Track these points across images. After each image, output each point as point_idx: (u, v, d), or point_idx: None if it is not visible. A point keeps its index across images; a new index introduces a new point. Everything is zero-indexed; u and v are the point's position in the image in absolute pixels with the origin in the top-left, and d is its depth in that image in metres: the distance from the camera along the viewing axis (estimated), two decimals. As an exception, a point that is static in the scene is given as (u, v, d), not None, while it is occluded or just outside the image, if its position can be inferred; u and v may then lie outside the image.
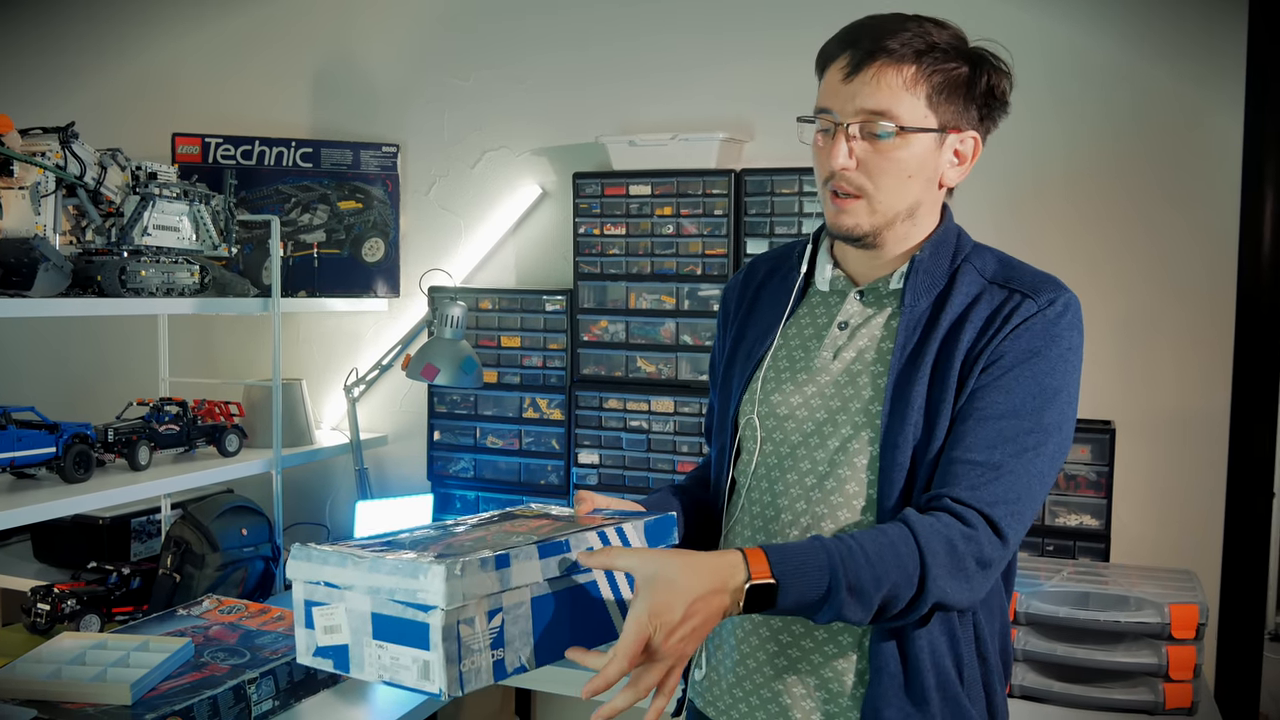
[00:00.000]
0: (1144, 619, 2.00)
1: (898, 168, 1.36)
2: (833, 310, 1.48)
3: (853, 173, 1.36)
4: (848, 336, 1.44)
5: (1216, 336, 2.43)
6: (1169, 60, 2.45)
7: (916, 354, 1.37)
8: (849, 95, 1.35)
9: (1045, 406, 1.32)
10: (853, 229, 1.39)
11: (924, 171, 1.38)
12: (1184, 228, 2.46)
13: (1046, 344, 1.34)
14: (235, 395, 2.88)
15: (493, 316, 2.87)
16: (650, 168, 2.70)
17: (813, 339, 1.48)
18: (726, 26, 2.78)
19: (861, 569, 1.19)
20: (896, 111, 1.34)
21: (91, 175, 2.29)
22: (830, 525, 1.39)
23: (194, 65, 3.35)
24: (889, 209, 1.39)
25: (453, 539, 1.21)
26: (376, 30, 3.16)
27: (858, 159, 1.36)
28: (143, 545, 2.88)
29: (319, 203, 3.01)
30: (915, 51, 1.34)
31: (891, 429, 1.36)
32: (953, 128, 1.38)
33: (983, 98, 1.39)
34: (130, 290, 2.34)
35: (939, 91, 1.35)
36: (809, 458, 1.42)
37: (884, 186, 1.37)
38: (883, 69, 1.34)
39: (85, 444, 2.32)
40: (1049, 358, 1.33)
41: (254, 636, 2.14)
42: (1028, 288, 1.37)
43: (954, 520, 1.26)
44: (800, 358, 1.47)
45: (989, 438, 1.30)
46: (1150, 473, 2.48)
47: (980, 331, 1.35)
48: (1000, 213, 2.55)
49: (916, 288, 1.41)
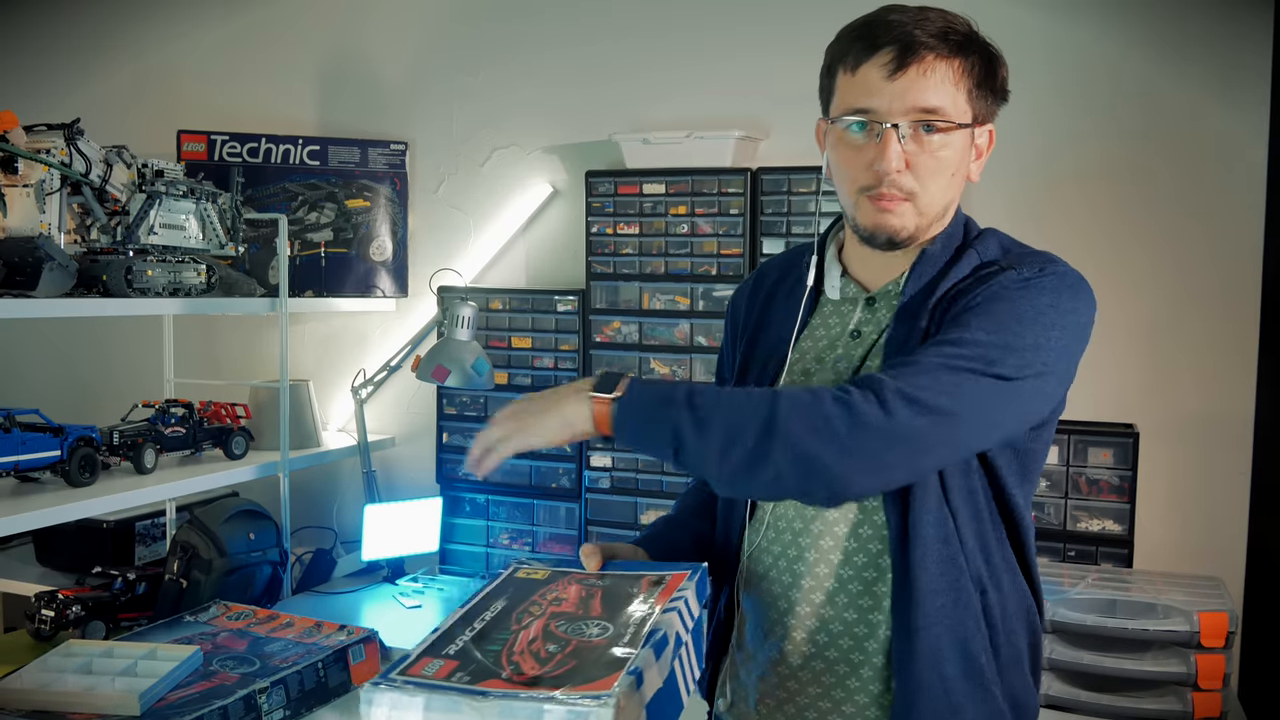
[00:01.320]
0: (1173, 627, 1.97)
1: (944, 167, 1.31)
2: (845, 318, 1.43)
3: (904, 174, 1.30)
4: (862, 346, 1.39)
5: (1240, 339, 2.39)
6: (1191, 62, 2.41)
7: (906, 339, 1.30)
8: (897, 93, 1.28)
9: (1010, 318, 1.23)
10: (899, 230, 1.33)
11: (962, 168, 1.35)
12: (1207, 229, 2.42)
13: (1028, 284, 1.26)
14: (241, 397, 2.84)
15: (503, 317, 2.83)
16: (664, 166, 2.66)
17: (827, 350, 1.42)
18: (742, 22, 2.74)
19: (706, 390, 1.18)
20: (947, 109, 1.29)
21: (97, 173, 2.25)
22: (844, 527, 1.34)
23: (200, 62, 3.31)
24: (933, 209, 1.34)
25: (517, 642, 1.10)
26: (384, 25, 3.12)
27: (906, 159, 1.30)
28: (147, 549, 2.84)
29: (326, 201, 2.96)
30: (956, 44, 1.29)
31: None
32: (979, 121, 1.34)
33: (1000, 89, 1.36)
34: (136, 290, 2.30)
35: (977, 84, 1.31)
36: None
37: (931, 188, 1.32)
38: (933, 64, 1.28)
39: (90, 447, 2.28)
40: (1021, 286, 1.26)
41: (263, 644, 2.10)
42: (1016, 260, 1.31)
43: (829, 389, 1.18)
44: (816, 370, 1.42)
45: (945, 334, 1.23)
46: (1173, 477, 2.44)
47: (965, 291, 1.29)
48: (1018, 214, 2.51)
49: (919, 278, 1.35)
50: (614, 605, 1.18)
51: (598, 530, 2.73)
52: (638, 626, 1.11)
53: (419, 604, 2.61)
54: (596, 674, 1.00)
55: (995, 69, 1.34)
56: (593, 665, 1.03)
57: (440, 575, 2.84)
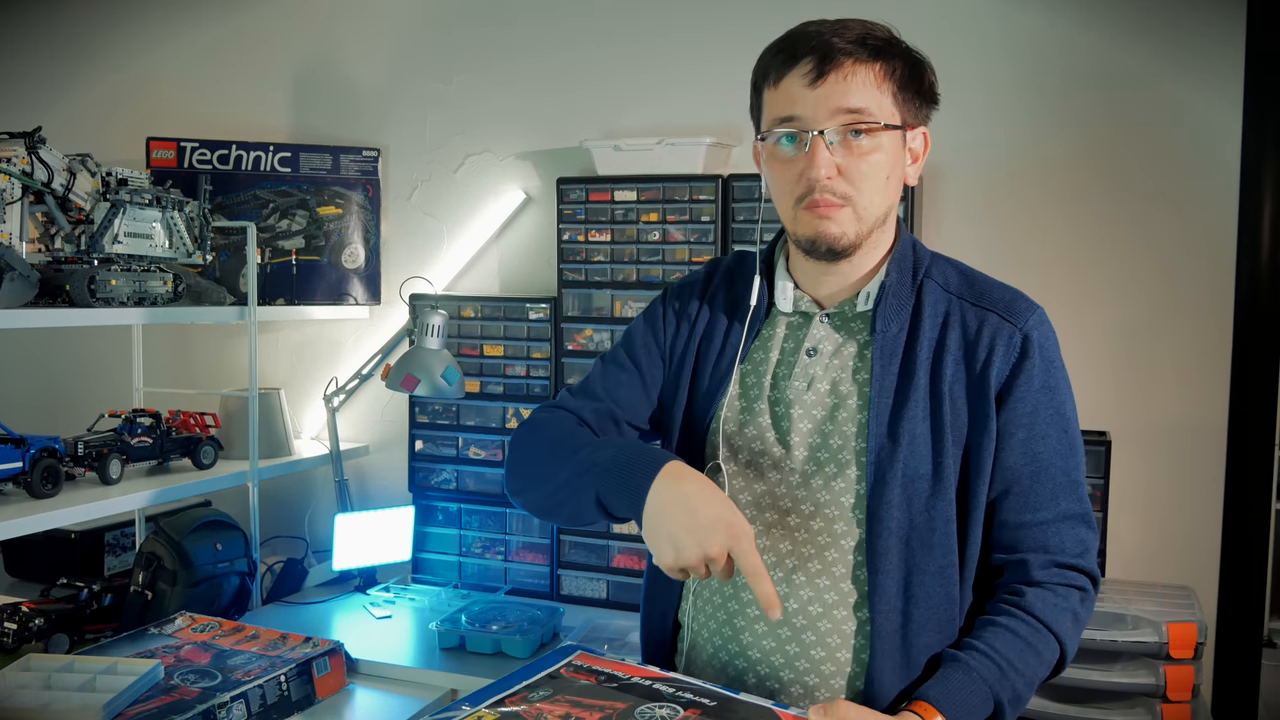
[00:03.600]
0: (1141, 638, 1.96)
1: (877, 170, 1.32)
2: (798, 334, 1.42)
3: (836, 180, 1.31)
4: (819, 366, 1.38)
5: (1215, 345, 2.38)
6: (1165, 62, 2.39)
7: (902, 387, 1.33)
8: (820, 99, 1.29)
9: (1070, 431, 1.35)
10: (839, 238, 1.33)
11: (897, 171, 1.35)
12: (1181, 235, 2.41)
13: (1050, 371, 1.34)
14: (212, 406, 2.82)
15: (475, 325, 2.81)
16: (636, 173, 2.64)
17: (779, 365, 1.42)
18: (713, 28, 2.72)
19: (1016, 682, 1.26)
20: (873, 109, 1.30)
21: (60, 181, 2.23)
22: (816, 565, 1.34)
23: (173, 70, 3.28)
24: (871, 215, 1.34)
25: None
26: (357, 32, 3.10)
27: (837, 165, 1.30)
28: (117, 559, 2.82)
29: (298, 208, 2.94)
30: (874, 49, 1.31)
31: (881, 466, 1.31)
32: (910, 124, 1.35)
33: (927, 93, 1.37)
34: (100, 300, 2.28)
35: (901, 88, 1.33)
36: (789, 496, 1.37)
37: (867, 191, 1.32)
38: (854, 67, 1.30)
39: (53, 458, 2.26)
40: (1058, 386, 1.35)
41: (227, 656, 2.08)
42: (1000, 307, 1.36)
43: (1068, 589, 1.32)
44: (769, 385, 1.41)
45: (1051, 491, 1.33)
46: (1147, 485, 2.43)
47: (967, 358, 1.33)
48: (991, 221, 2.50)
49: (886, 314, 1.36)
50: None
51: (570, 539, 2.71)
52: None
53: (389, 614, 2.59)
54: None
55: (920, 73, 1.35)
56: None
57: (413, 585, 2.82)
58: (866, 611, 1.32)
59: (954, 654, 1.29)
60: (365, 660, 2.27)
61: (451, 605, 2.59)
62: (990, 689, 1.24)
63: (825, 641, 1.33)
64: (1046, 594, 1.30)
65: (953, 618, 1.33)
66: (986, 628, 1.30)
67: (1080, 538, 1.33)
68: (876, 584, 1.30)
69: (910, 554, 1.31)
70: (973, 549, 1.33)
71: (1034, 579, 1.31)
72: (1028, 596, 1.30)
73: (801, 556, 1.34)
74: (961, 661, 1.26)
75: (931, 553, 1.31)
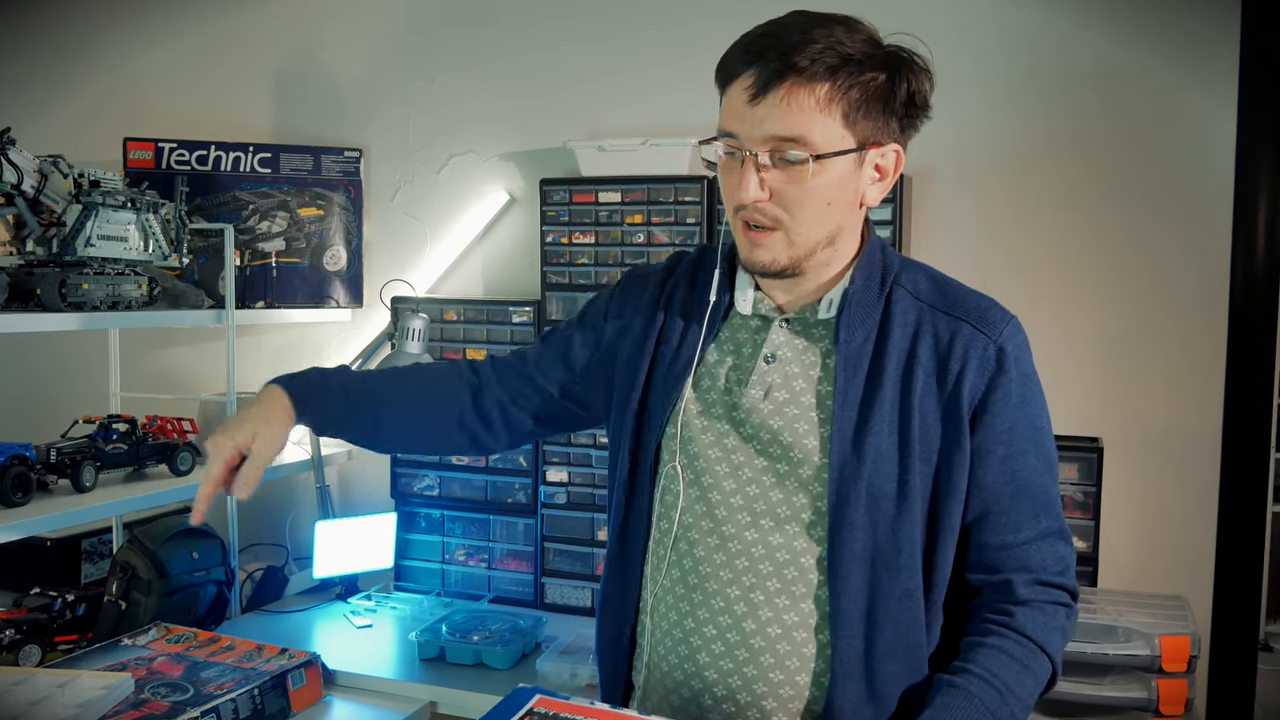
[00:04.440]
0: (1133, 651, 1.92)
1: (815, 196, 1.24)
2: (756, 338, 1.36)
3: (766, 204, 1.24)
4: (778, 374, 1.32)
5: (1208, 349, 2.34)
6: (1159, 64, 2.36)
7: (868, 400, 1.27)
8: (756, 120, 1.21)
9: (1046, 446, 1.32)
10: (769, 264, 1.28)
11: (844, 196, 1.26)
12: (1174, 239, 2.38)
13: (1026, 385, 1.30)
14: (191, 411, 2.77)
15: (458, 328, 2.76)
16: (620, 174, 2.59)
17: (734, 370, 1.35)
18: (697, 27, 2.68)
19: (1015, 707, 1.23)
20: (810, 137, 1.20)
21: (30, 183, 2.19)
22: (775, 583, 1.29)
23: (152, 71, 3.23)
24: (808, 240, 1.27)
25: None
26: (340, 32, 3.05)
27: (770, 189, 1.23)
28: (94, 566, 2.77)
29: (278, 210, 2.90)
30: (828, 67, 1.19)
31: (844, 484, 1.25)
32: (872, 143, 1.25)
33: (903, 106, 1.26)
34: (72, 304, 2.24)
35: (856, 108, 1.22)
36: (747, 510, 1.31)
37: (801, 217, 1.25)
38: (793, 90, 1.20)
39: (24, 465, 2.21)
40: (1033, 399, 1.31)
41: (200, 669, 2.04)
42: (973, 317, 1.29)
43: (1054, 606, 1.29)
44: (724, 390, 1.35)
45: (1032, 509, 1.29)
46: (1139, 493, 2.39)
47: (939, 371, 1.27)
48: (981, 224, 2.46)
49: (851, 322, 1.30)
50: None
51: (554, 546, 2.66)
52: None
53: (370, 623, 2.55)
54: None
55: (895, 86, 1.23)
56: None
57: (395, 593, 2.78)
58: (828, 634, 1.27)
59: (950, 680, 1.23)
60: (343, 671, 2.22)
61: (434, 614, 2.55)
62: (993, 715, 1.20)
63: (784, 664, 1.28)
64: (1035, 613, 1.27)
65: (920, 644, 1.29)
66: (979, 650, 1.26)
67: (1060, 554, 1.30)
68: (839, 607, 1.25)
69: (874, 577, 1.25)
70: (942, 571, 1.29)
71: (1020, 598, 1.27)
72: (1017, 616, 1.26)
73: (759, 574, 1.29)
74: (960, 688, 1.21)
75: (897, 576, 1.25)
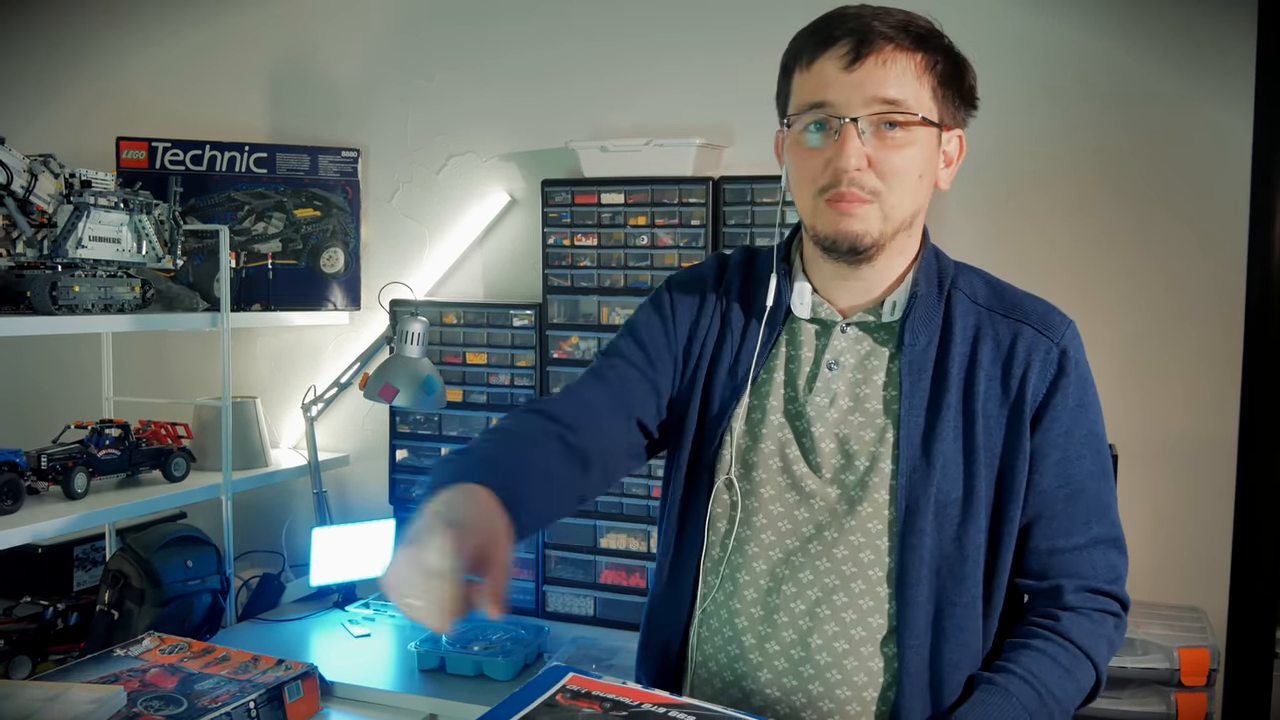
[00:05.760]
0: (1152, 664, 1.88)
1: (910, 166, 1.22)
2: (817, 344, 1.32)
3: (865, 173, 1.21)
4: (841, 380, 1.29)
5: (1223, 356, 2.30)
6: (1174, 66, 2.31)
7: (933, 405, 1.24)
8: (855, 85, 1.19)
9: (1102, 452, 1.29)
10: (861, 236, 1.23)
11: (929, 171, 1.26)
12: (1189, 243, 2.33)
13: (1084, 389, 1.28)
14: (186, 415, 2.73)
15: (457, 332, 2.72)
16: (623, 175, 2.55)
17: (799, 377, 1.31)
18: (704, 26, 2.63)
19: (1054, 710, 1.19)
20: (911, 101, 1.20)
21: (20, 183, 2.14)
22: (843, 597, 1.24)
23: (147, 70, 3.18)
24: (899, 214, 1.24)
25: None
26: (337, 29, 3.00)
27: (868, 157, 1.20)
28: (86, 574, 2.72)
29: (274, 210, 2.85)
30: (916, 37, 1.21)
31: (913, 491, 1.22)
32: (947, 125, 1.26)
33: (968, 94, 1.28)
34: (63, 307, 2.19)
35: (942, 83, 1.24)
36: (811, 522, 1.27)
37: (897, 187, 1.22)
38: (894, 54, 1.20)
39: (14, 472, 2.16)
40: (1091, 404, 1.29)
41: (194, 681, 1.99)
42: (1034, 320, 1.27)
43: (1102, 615, 1.26)
44: (789, 398, 1.31)
45: (1084, 515, 1.27)
46: (1155, 501, 2.34)
47: (1003, 374, 1.25)
48: (996, 229, 2.42)
49: (915, 326, 1.27)
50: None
51: (556, 553, 2.62)
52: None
53: (368, 632, 2.50)
54: None
55: (962, 72, 1.26)
56: None
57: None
58: (894, 647, 1.23)
59: (990, 677, 1.21)
60: (341, 683, 2.18)
61: (432, 623, 2.50)
62: (1030, 716, 1.17)
63: (851, 680, 1.23)
64: (1082, 619, 1.24)
65: (980, 653, 1.26)
66: (1021, 651, 1.23)
67: (1112, 563, 1.28)
68: (906, 618, 1.21)
69: (941, 585, 1.22)
70: (1001, 577, 1.25)
71: (1068, 604, 1.25)
72: (1064, 621, 1.23)
73: (825, 588, 1.25)
74: (999, 686, 1.18)
75: (962, 584, 1.22)
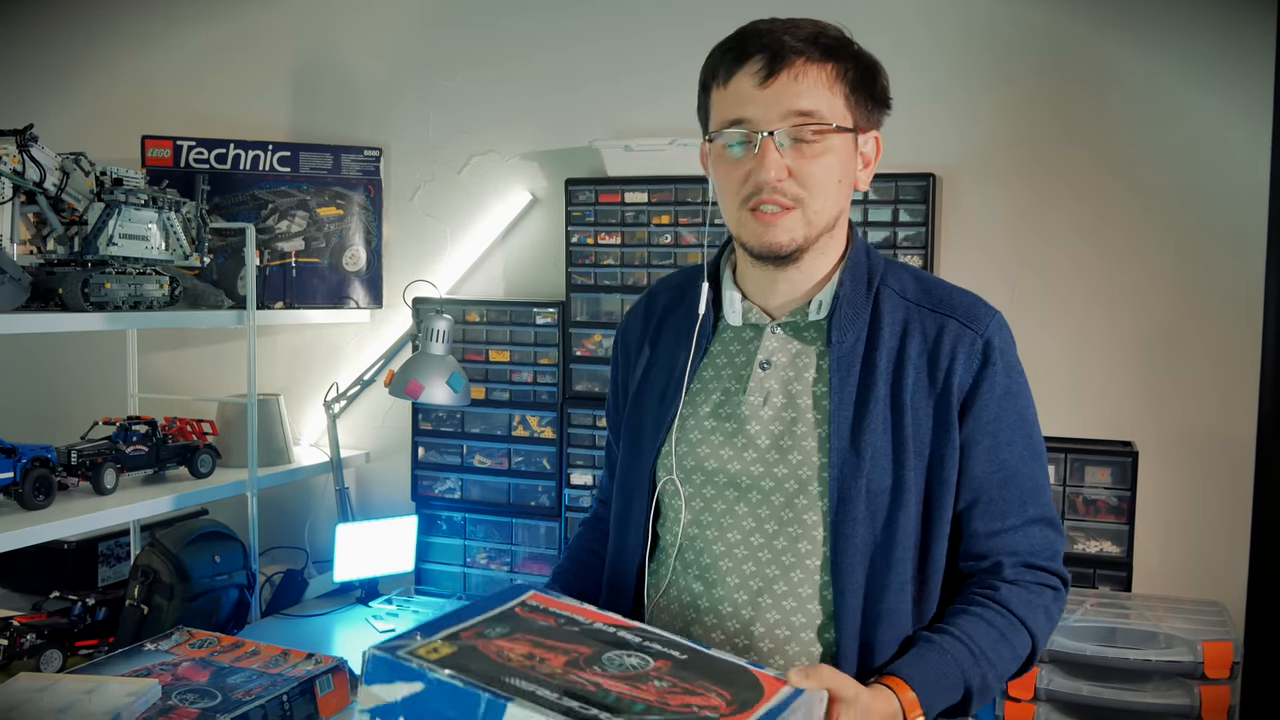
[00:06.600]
0: (1176, 657, 1.90)
1: (829, 173, 1.29)
2: (749, 347, 1.38)
3: (786, 182, 1.27)
4: (774, 379, 1.35)
5: (1242, 352, 2.32)
6: (1188, 64, 2.33)
7: (862, 399, 1.30)
8: (770, 100, 1.26)
9: (1033, 436, 1.34)
10: (787, 244, 1.30)
11: (848, 175, 1.32)
12: (1208, 239, 2.35)
13: (1011, 376, 1.32)
14: (210, 412, 2.75)
15: (480, 329, 2.74)
16: (647, 174, 2.57)
17: (732, 380, 1.38)
18: (726, 23, 2.64)
19: (987, 671, 1.24)
20: (825, 111, 1.27)
21: (52, 181, 2.16)
22: (783, 586, 1.30)
23: (169, 68, 3.20)
24: (822, 218, 1.31)
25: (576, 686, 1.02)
26: (359, 28, 3.02)
27: (787, 168, 1.27)
28: (111, 570, 2.74)
29: (297, 209, 2.87)
30: (826, 48, 1.28)
31: (845, 483, 1.27)
32: (862, 128, 1.32)
33: (880, 96, 1.34)
34: (94, 304, 2.21)
35: (854, 90, 1.29)
36: (751, 515, 1.32)
37: (819, 193, 1.29)
38: (804, 67, 1.26)
39: (46, 468, 2.18)
40: (1020, 390, 1.33)
41: (226, 674, 2.01)
42: (960, 313, 1.33)
43: (1040, 588, 1.31)
44: (723, 403, 1.37)
45: (1019, 497, 1.31)
46: (1174, 497, 2.36)
47: (929, 367, 1.31)
48: (1011, 227, 2.44)
49: (842, 323, 1.33)
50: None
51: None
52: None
53: (393, 628, 2.52)
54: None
55: (873, 76, 1.32)
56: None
57: (416, 596, 2.75)
58: (832, 633, 1.28)
59: (927, 635, 1.27)
60: (369, 677, 2.19)
61: (456, 618, 2.52)
62: (962, 673, 1.23)
63: (794, 664, 1.28)
64: (1020, 590, 1.29)
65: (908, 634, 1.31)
66: (960, 615, 1.29)
67: (1049, 541, 1.33)
68: (842, 604, 1.27)
69: (872, 571, 1.27)
70: (938, 561, 1.31)
71: (1006, 577, 1.31)
72: (1002, 591, 1.29)
73: (766, 579, 1.30)
74: (935, 643, 1.25)
75: (892, 570, 1.27)
